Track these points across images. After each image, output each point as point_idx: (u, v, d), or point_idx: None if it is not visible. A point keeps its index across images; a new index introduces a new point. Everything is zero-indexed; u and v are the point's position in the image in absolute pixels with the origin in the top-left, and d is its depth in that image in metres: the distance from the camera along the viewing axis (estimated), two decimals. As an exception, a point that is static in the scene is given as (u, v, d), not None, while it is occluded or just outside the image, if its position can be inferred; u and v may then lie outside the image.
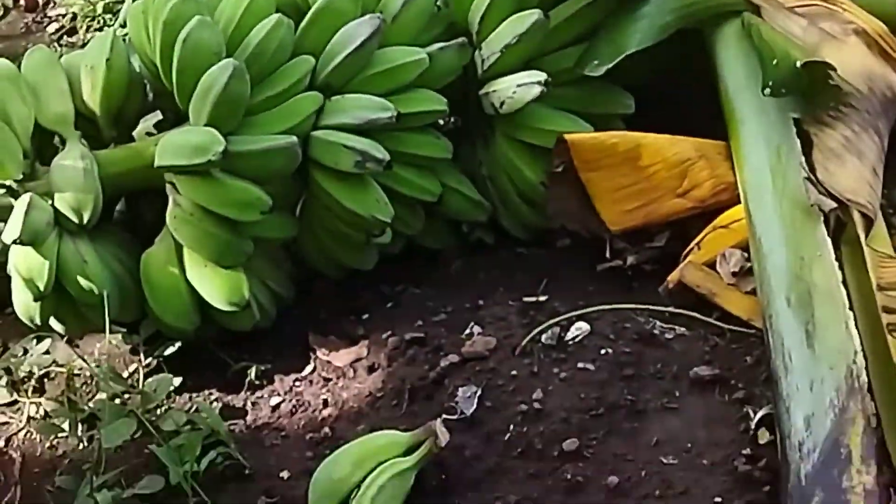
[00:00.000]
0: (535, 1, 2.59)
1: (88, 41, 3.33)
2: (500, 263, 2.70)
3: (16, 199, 2.45)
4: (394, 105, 2.48)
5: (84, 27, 3.42)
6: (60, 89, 2.55)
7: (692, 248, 2.48)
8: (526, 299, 2.50)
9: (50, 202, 2.46)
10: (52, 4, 3.52)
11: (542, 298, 2.49)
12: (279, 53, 2.48)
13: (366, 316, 2.62)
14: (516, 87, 2.52)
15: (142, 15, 2.55)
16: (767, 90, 2.42)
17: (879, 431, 2.00)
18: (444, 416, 2.22)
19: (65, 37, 3.43)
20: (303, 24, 2.54)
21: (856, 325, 2.11)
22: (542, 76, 2.52)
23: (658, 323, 2.39)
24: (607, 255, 2.59)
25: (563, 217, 2.64)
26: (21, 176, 2.47)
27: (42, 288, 2.41)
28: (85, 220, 2.44)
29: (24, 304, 2.48)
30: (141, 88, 2.63)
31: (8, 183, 2.48)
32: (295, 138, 2.43)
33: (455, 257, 2.74)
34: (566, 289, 2.56)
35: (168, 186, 2.47)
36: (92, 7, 3.40)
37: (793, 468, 1.97)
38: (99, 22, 3.38)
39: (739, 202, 2.47)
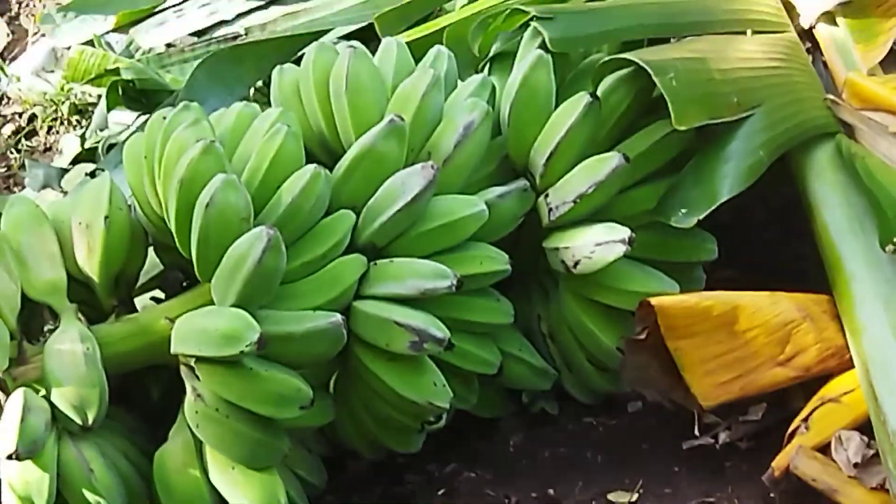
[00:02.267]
0: (608, 139, 2.33)
1: (51, 145, 3.05)
2: (567, 437, 2.43)
3: (6, 394, 2.11)
4: (450, 266, 2.17)
5: (45, 128, 3.08)
6: (50, 254, 2.21)
7: (798, 427, 2.17)
8: (613, 497, 2.22)
9: (42, 394, 2.10)
10: (5, 101, 3.16)
11: (632, 499, 2.22)
12: (315, 211, 2.16)
13: (415, 508, 2.34)
14: (595, 247, 2.22)
15: (144, 161, 2.23)
16: (890, 247, 2.16)
17: None
18: None
19: (23, 140, 3.08)
20: (340, 171, 2.21)
21: None
22: (626, 233, 2.22)
23: (766, 519, 2.15)
24: (696, 431, 2.30)
25: (641, 386, 2.37)
26: (7, 364, 2.11)
27: (43, 507, 2.09)
28: (90, 422, 2.08)
29: (16, 526, 2.15)
30: (143, 244, 2.31)
31: (-6, 374, 2.16)
32: (340, 317, 2.09)
33: (514, 429, 2.44)
34: (651, 473, 2.29)
35: (184, 369, 2.12)
36: (55, 106, 3.07)
37: None
38: (64, 125, 3.05)
39: (848, 368, 2.21)
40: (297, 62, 2.43)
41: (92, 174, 2.75)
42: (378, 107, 2.25)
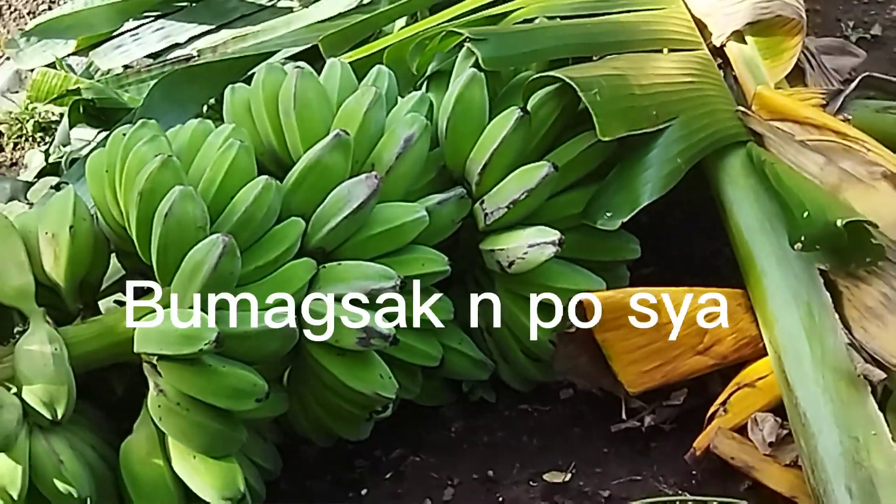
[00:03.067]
0: (537, 149, 2.41)
1: (17, 160, 3.11)
2: (505, 423, 2.49)
3: None
4: (393, 268, 2.25)
5: (11, 145, 3.15)
6: (18, 261, 2.25)
7: (717, 410, 2.28)
8: (547, 478, 2.29)
9: (14, 391, 2.17)
10: None
11: (565, 478, 2.29)
12: (267, 219, 2.22)
13: (364, 491, 2.38)
14: (528, 249, 2.30)
15: (105, 174, 2.29)
16: (798, 245, 2.26)
17: None
18: None
19: (-12, 154, 3.16)
20: (289, 182, 2.28)
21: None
22: (556, 235, 2.29)
23: (693, 499, 2.20)
24: (623, 415, 2.38)
25: (572, 375, 2.43)
26: None
27: (16, 496, 2.12)
28: (59, 416, 2.14)
29: (-5, 511, 2.19)
30: (106, 250, 2.36)
31: (-33, 374, 2.19)
32: (290, 315, 2.17)
33: (454, 416, 2.51)
34: (582, 455, 2.36)
35: (146, 367, 2.18)
36: (20, 124, 3.14)
37: None
38: (29, 141, 3.12)
39: (762, 356, 2.30)
40: (248, 81, 2.47)
41: (56, 187, 2.78)
42: (324, 122, 2.32)
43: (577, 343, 2.36)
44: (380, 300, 2.24)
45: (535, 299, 2.41)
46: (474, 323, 2.50)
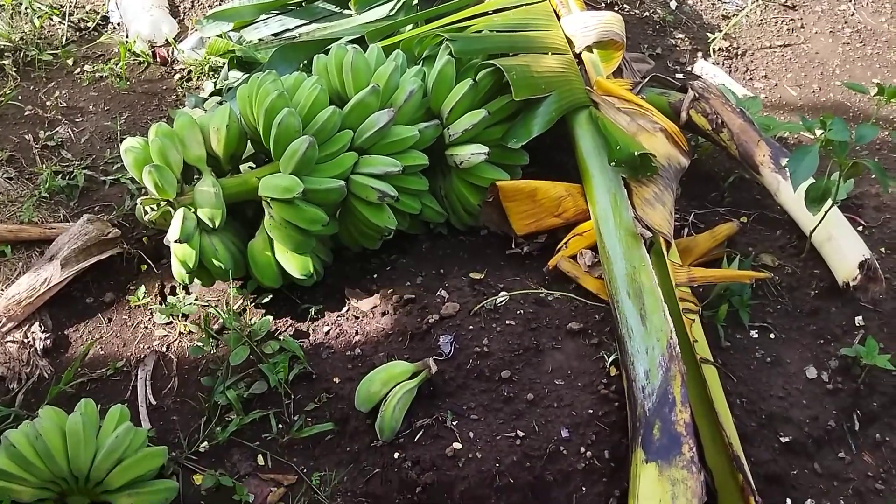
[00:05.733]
0: (480, 101, 2.31)
1: (199, 86, 3.01)
2: (451, 245, 2.43)
3: (174, 210, 2.12)
4: (399, 160, 2.20)
5: (196, 77, 3.04)
6: (198, 141, 2.18)
7: (562, 246, 2.25)
8: (472, 276, 2.25)
9: (193, 211, 2.13)
10: (175, 62, 3.10)
11: (481, 276, 2.25)
12: (332, 129, 2.15)
13: (375, 276, 2.34)
14: (471, 155, 2.25)
15: (247, 98, 2.20)
16: (613, 164, 2.23)
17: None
18: (433, 355, 2.03)
19: (184, 82, 3.03)
20: (345, 110, 2.19)
21: (669, 312, 1.97)
22: (486, 149, 2.25)
23: (545, 291, 2.19)
24: (513, 246, 2.35)
25: (489, 223, 2.40)
26: (175, 195, 2.13)
27: (191, 266, 2.11)
28: (216, 225, 2.12)
29: (178, 272, 2.15)
30: (245, 141, 2.26)
31: (169, 200, 2.13)
32: (343, 182, 2.13)
33: (424, 240, 2.45)
34: (490, 265, 2.31)
35: (264, 203, 2.14)
36: (201, 67, 3.02)
37: (639, 402, 1.79)
38: (206, 75, 3.02)
39: (587, 220, 2.26)
40: (325, 53, 2.39)
41: (220, 103, 2.74)
42: (366, 79, 2.24)
43: (492, 207, 2.33)
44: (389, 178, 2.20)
45: (472, 183, 2.36)
46: (439, 192, 2.44)
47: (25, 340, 2.18)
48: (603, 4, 3.42)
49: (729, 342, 2.11)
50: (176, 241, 2.07)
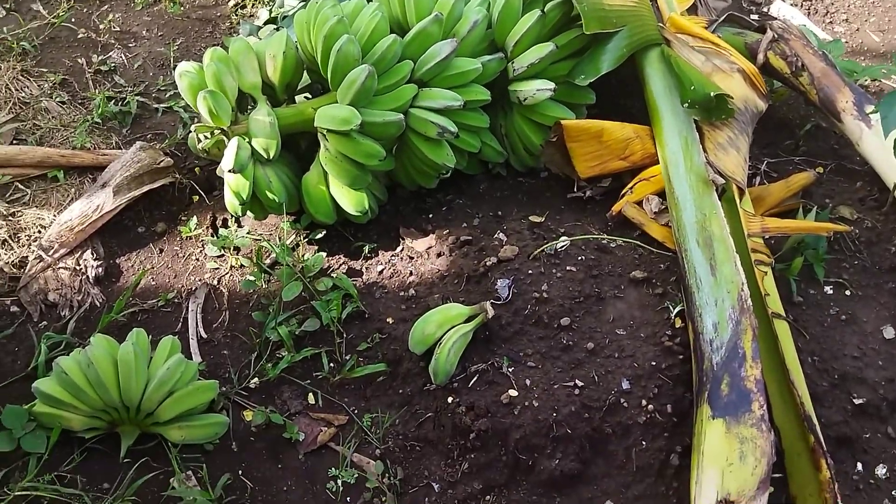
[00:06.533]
0: (547, 34, 2.18)
1: (253, 13, 2.91)
2: (509, 187, 2.34)
3: (228, 139, 2.05)
4: (461, 95, 2.09)
5: (250, 5, 2.94)
6: (253, 67, 2.10)
7: (626, 191, 2.16)
8: (531, 219, 2.16)
9: (248, 140, 2.06)
10: None
11: (541, 220, 2.15)
12: (393, 59, 2.05)
13: (431, 216, 2.25)
14: (536, 91, 2.13)
15: (305, 24, 2.11)
16: (686, 105, 2.10)
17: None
18: (490, 299, 1.95)
19: (238, 9, 2.93)
20: (406, 39, 2.09)
21: (741, 263, 1.86)
22: (552, 85, 2.13)
23: (608, 237, 2.09)
24: (575, 189, 2.25)
25: (551, 164, 2.29)
26: (229, 123, 2.05)
27: (245, 198, 2.03)
28: (271, 156, 2.04)
29: (231, 203, 2.08)
30: (302, 70, 2.16)
31: (224, 128, 2.05)
32: (402, 115, 2.03)
33: (482, 181, 2.35)
34: (551, 209, 2.22)
35: (320, 135, 2.06)
36: None
37: (706, 356, 1.70)
38: (261, 1, 2.90)
39: (656, 164, 2.16)
40: None
41: (276, 30, 2.67)
42: (429, 8, 2.13)
43: (555, 147, 2.24)
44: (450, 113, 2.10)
45: (535, 121, 2.24)
46: (499, 131, 2.32)
47: (77, 267, 2.15)
48: (675, -62, 3.23)
49: (802, 297, 2.00)
50: (230, 171, 2.00)
